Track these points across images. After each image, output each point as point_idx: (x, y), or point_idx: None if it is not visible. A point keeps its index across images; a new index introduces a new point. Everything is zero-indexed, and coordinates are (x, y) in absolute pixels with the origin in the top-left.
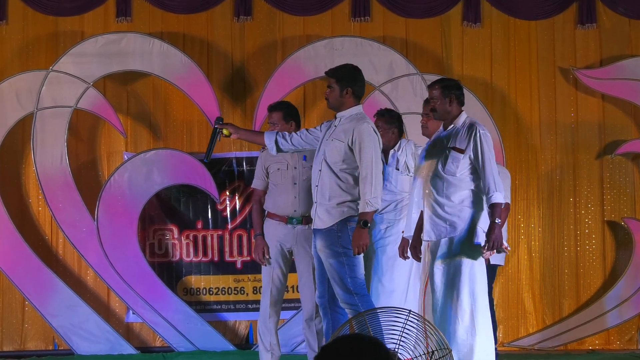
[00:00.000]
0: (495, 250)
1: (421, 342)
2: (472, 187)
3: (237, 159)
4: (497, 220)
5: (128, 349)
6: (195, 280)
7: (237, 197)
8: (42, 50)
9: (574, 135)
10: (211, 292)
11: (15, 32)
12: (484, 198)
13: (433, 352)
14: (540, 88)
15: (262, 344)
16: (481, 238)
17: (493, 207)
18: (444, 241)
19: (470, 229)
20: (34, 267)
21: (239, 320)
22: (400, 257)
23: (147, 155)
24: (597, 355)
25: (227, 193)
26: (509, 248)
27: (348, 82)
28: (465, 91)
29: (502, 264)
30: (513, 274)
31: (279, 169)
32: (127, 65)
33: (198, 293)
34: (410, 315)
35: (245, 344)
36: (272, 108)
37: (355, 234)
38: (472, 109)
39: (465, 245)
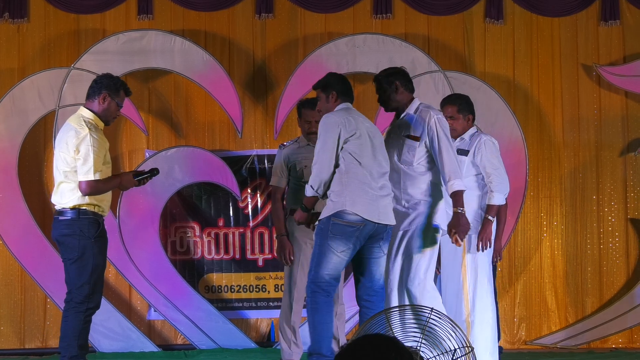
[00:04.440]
0: (460, 241)
1: (443, 340)
2: (431, 179)
3: (258, 157)
4: (460, 210)
5: (150, 347)
6: (217, 278)
7: (258, 195)
8: (63, 48)
9: (597, 132)
10: (233, 290)
11: (37, 30)
12: (443, 190)
13: (455, 350)
14: (563, 85)
15: (283, 341)
16: (434, 231)
17: (455, 196)
18: (400, 234)
19: (427, 223)
20: (55, 265)
21: (261, 317)
22: None
23: (169, 152)
24: (621, 353)
25: (249, 190)
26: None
27: (333, 86)
28: (487, 88)
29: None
30: (536, 272)
31: (306, 166)
32: (148, 63)
33: (220, 291)
34: (433, 313)
35: (267, 341)
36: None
37: None
38: (494, 106)
39: (421, 242)
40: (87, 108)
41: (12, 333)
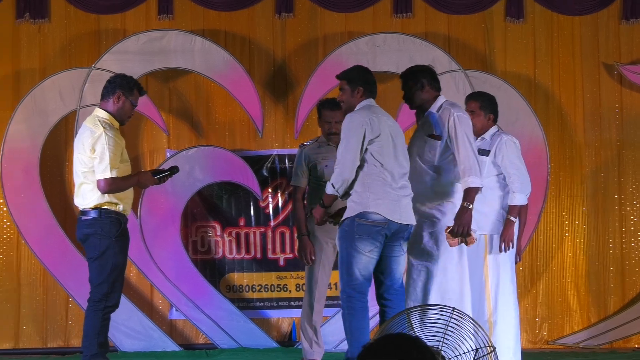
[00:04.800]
0: (459, 239)
1: (465, 339)
2: (454, 179)
3: (279, 156)
4: (467, 204)
5: (171, 346)
6: (238, 278)
7: (279, 194)
8: (84, 48)
9: (619, 131)
10: (254, 290)
11: (58, 30)
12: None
13: (477, 349)
14: (584, 84)
15: (305, 340)
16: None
17: (467, 191)
18: (426, 234)
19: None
20: (77, 264)
21: (282, 317)
22: None
23: (190, 152)
24: None
25: (270, 190)
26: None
27: (360, 81)
28: (508, 87)
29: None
30: (558, 272)
31: (327, 166)
32: (168, 63)
33: (241, 290)
34: (454, 312)
35: (288, 341)
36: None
37: None
38: (515, 105)
39: (445, 242)
40: (102, 108)
41: (34, 332)
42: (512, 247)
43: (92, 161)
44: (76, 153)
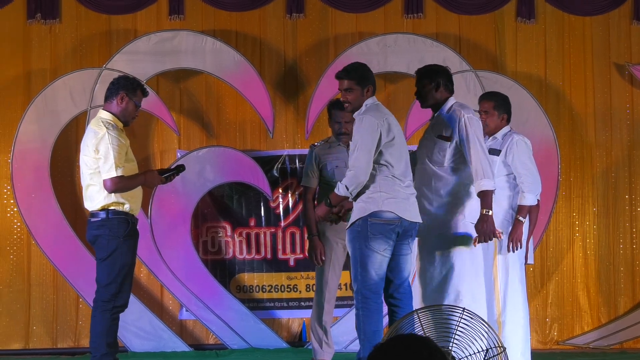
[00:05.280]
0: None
1: (475, 340)
2: (463, 180)
3: (289, 157)
4: (486, 211)
5: (181, 346)
6: (248, 278)
7: (289, 195)
8: (95, 49)
9: (630, 131)
10: (264, 290)
11: (68, 30)
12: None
13: (487, 350)
14: (595, 84)
15: (315, 341)
16: (470, 231)
17: (482, 196)
18: (435, 236)
19: (461, 225)
20: (87, 265)
21: (292, 317)
22: None
23: (200, 153)
24: None
25: (280, 190)
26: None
27: (369, 80)
28: (519, 87)
29: (531, 262)
30: (568, 272)
31: (337, 166)
32: (179, 63)
33: (251, 290)
34: (465, 312)
35: (299, 341)
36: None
37: None
38: (526, 106)
39: (456, 242)
40: (106, 110)
41: (44, 333)
42: (521, 248)
43: (97, 162)
44: (82, 155)
